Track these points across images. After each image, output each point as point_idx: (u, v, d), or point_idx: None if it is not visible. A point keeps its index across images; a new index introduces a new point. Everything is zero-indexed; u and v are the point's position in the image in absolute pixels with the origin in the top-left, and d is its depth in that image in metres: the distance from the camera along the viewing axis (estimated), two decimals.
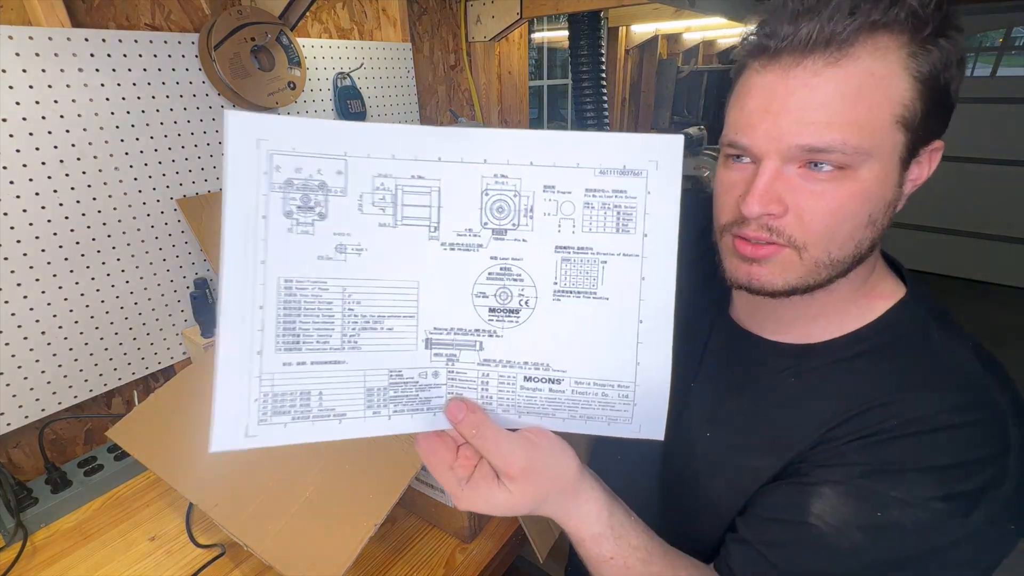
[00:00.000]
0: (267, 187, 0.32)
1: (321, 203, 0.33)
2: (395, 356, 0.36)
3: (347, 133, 0.33)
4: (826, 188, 0.39)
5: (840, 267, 0.42)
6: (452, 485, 0.36)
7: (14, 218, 0.75)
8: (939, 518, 0.37)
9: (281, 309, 0.33)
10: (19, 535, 0.72)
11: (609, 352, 0.36)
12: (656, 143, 0.34)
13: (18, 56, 0.72)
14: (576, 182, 0.35)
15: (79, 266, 0.83)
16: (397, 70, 1.31)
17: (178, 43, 0.88)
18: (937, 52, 0.36)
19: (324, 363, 0.34)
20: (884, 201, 0.40)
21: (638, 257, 0.35)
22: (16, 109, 0.73)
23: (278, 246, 0.33)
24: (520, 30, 1.63)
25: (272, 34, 0.97)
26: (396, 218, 0.34)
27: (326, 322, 0.34)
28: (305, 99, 1.11)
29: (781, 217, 0.40)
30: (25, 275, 0.77)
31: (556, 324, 0.36)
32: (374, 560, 0.69)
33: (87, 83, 0.79)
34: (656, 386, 0.36)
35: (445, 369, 0.36)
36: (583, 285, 0.36)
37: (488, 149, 0.34)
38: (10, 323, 0.77)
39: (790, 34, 0.37)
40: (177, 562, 0.69)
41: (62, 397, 0.84)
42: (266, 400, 0.34)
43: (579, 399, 0.37)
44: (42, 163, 0.76)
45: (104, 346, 0.88)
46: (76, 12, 0.79)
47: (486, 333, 0.36)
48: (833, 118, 0.37)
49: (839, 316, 0.46)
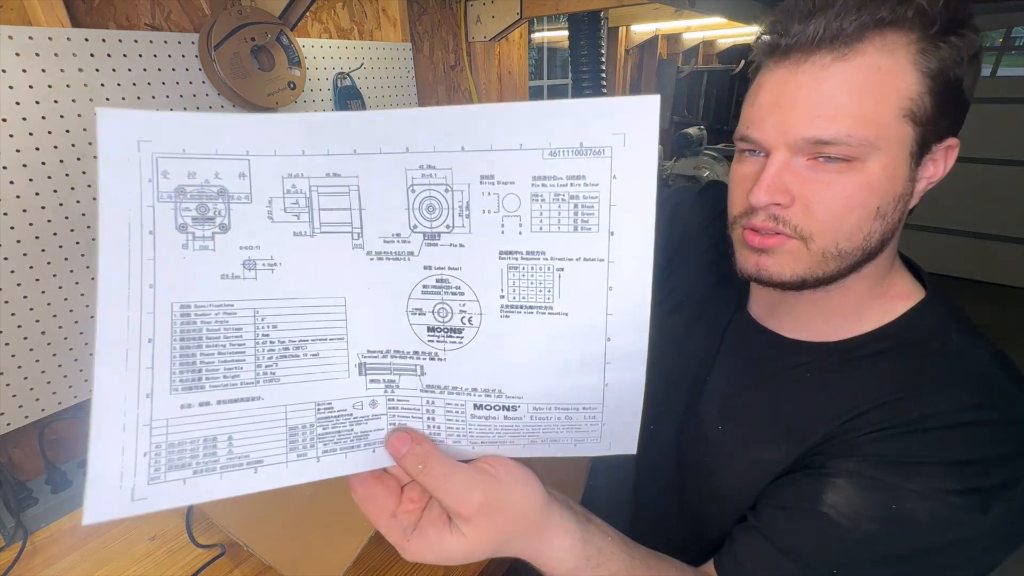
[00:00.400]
0: (153, 197, 0.27)
1: (222, 212, 0.28)
2: (322, 386, 0.30)
3: (247, 127, 0.28)
4: (833, 179, 0.39)
5: (848, 259, 0.42)
6: (396, 535, 0.31)
7: (14, 218, 0.75)
8: (955, 512, 0.37)
9: (176, 341, 0.28)
10: (19, 535, 0.72)
11: (571, 376, 0.30)
12: (622, 108, 0.27)
13: (18, 56, 0.72)
14: (520, 169, 0.28)
15: (79, 266, 0.82)
16: (397, 70, 1.30)
17: (178, 43, 0.88)
18: (947, 48, 0.37)
19: (234, 401, 0.29)
20: (893, 194, 0.40)
21: (603, 262, 0.29)
22: (16, 109, 0.73)
23: (170, 266, 0.28)
24: (520, 30, 1.63)
25: (272, 34, 0.97)
26: (313, 225, 0.29)
27: (235, 352, 0.29)
28: (305, 99, 1.11)
29: (788, 207, 0.41)
30: (25, 275, 0.77)
31: (506, 345, 0.30)
32: (374, 560, 0.69)
33: (87, 83, 0.79)
34: (628, 404, 0.31)
35: (384, 397, 0.31)
36: (535, 298, 0.29)
37: (409, 135, 0.28)
38: (10, 323, 0.77)
39: (800, 31, 0.38)
40: (177, 562, 0.69)
41: (62, 397, 0.84)
42: (159, 453, 0.28)
43: (540, 424, 0.32)
44: (42, 163, 0.76)
45: None
46: (76, 12, 0.79)
47: (427, 356, 0.31)
48: (839, 111, 0.37)
49: (857, 315, 0.46)
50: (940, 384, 0.41)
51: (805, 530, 0.40)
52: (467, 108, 0.28)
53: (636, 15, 2.05)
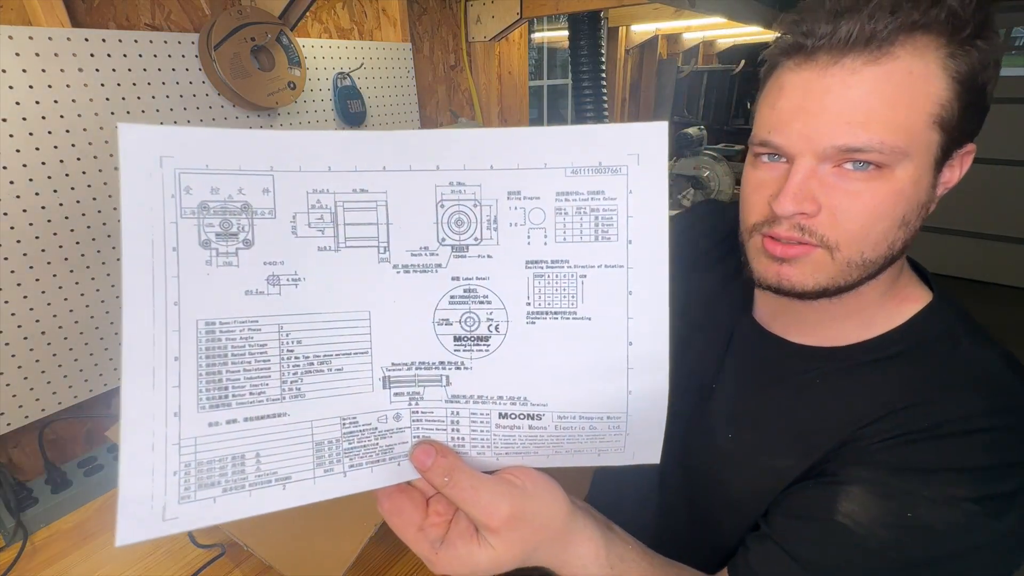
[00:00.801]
0: (176, 213, 0.27)
1: (245, 228, 0.28)
2: (348, 401, 0.31)
3: (272, 144, 0.28)
4: (861, 188, 0.38)
5: (872, 268, 0.41)
6: (424, 549, 0.31)
7: (14, 218, 0.75)
8: (971, 519, 0.36)
9: (203, 359, 0.28)
10: (19, 535, 0.72)
11: (595, 382, 0.31)
12: (636, 133, 0.30)
13: (18, 56, 0.72)
14: (545, 185, 0.30)
15: (79, 266, 0.82)
16: (397, 70, 1.31)
17: (178, 43, 0.88)
18: (976, 53, 0.36)
19: (260, 418, 0.29)
20: (917, 202, 0.40)
21: (623, 268, 0.30)
22: (16, 109, 0.73)
23: (194, 283, 0.28)
24: (520, 30, 1.63)
25: (272, 34, 0.97)
26: (338, 240, 0.30)
27: (261, 369, 0.29)
28: (305, 99, 1.11)
29: (814, 216, 0.40)
30: (25, 275, 0.77)
31: (532, 351, 0.31)
32: (374, 560, 0.69)
33: (87, 83, 0.79)
34: (652, 414, 0.32)
35: (408, 410, 0.32)
36: (560, 304, 0.31)
37: (440, 154, 0.29)
38: (10, 323, 0.77)
39: (828, 33, 0.37)
40: (177, 562, 0.69)
41: (62, 397, 0.84)
42: (188, 471, 0.28)
43: (564, 434, 0.32)
44: (42, 163, 0.76)
45: (104, 346, 0.88)
46: (76, 12, 0.79)
47: (452, 365, 0.31)
48: (871, 117, 0.36)
49: (866, 319, 0.45)
50: (951, 389, 0.40)
51: (820, 540, 0.39)
52: (496, 131, 0.30)
53: (636, 15, 2.05)
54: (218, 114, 0.96)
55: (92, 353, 0.86)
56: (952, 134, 0.38)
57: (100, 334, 0.87)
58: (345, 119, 1.20)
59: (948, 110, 0.37)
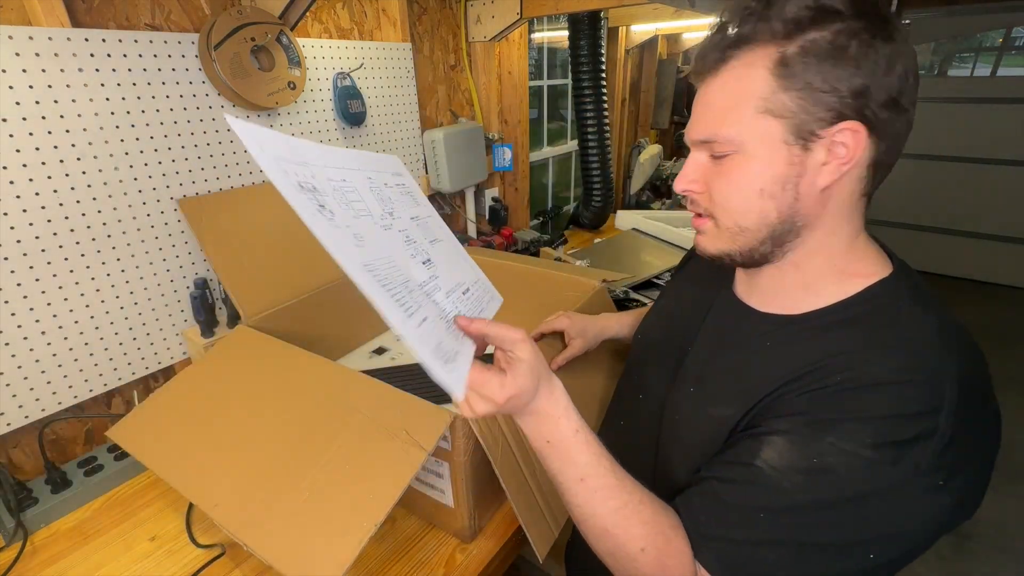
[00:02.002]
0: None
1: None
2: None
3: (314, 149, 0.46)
4: (722, 169, 0.49)
5: (756, 234, 0.49)
6: (494, 390, 0.43)
7: (14, 218, 0.75)
8: (868, 465, 0.40)
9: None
10: (19, 535, 0.72)
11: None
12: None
13: (18, 56, 0.72)
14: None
15: (79, 266, 0.83)
16: (397, 70, 1.31)
17: (178, 43, 0.89)
18: (795, 48, 0.43)
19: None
20: (775, 177, 0.46)
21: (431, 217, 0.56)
22: (16, 109, 0.73)
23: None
24: (520, 30, 1.63)
25: (272, 34, 0.97)
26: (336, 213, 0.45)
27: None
28: (305, 99, 1.11)
29: (701, 194, 0.51)
30: (25, 275, 0.77)
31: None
32: (374, 560, 0.69)
33: (87, 83, 0.79)
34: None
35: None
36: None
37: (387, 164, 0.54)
38: (10, 323, 0.77)
39: (696, 55, 0.50)
40: (177, 562, 0.69)
41: (62, 397, 0.84)
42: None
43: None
44: (42, 163, 0.77)
45: (104, 346, 0.88)
46: (76, 12, 0.79)
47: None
48: (710, 115, 0.48)
49: (814, 290, 0.51)
50: (878, 347, 0.44)
51: (743, 482, 0.45)
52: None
53: (636, 15, 2.05)
54: (218, 114, 0.97)
55: (92, 353, 0.86)
56: (795, 119, 0.44)
57: (100, 334, 0.87)
58: (345, 119, 1.20)
59: (774, 101, 0.44)
